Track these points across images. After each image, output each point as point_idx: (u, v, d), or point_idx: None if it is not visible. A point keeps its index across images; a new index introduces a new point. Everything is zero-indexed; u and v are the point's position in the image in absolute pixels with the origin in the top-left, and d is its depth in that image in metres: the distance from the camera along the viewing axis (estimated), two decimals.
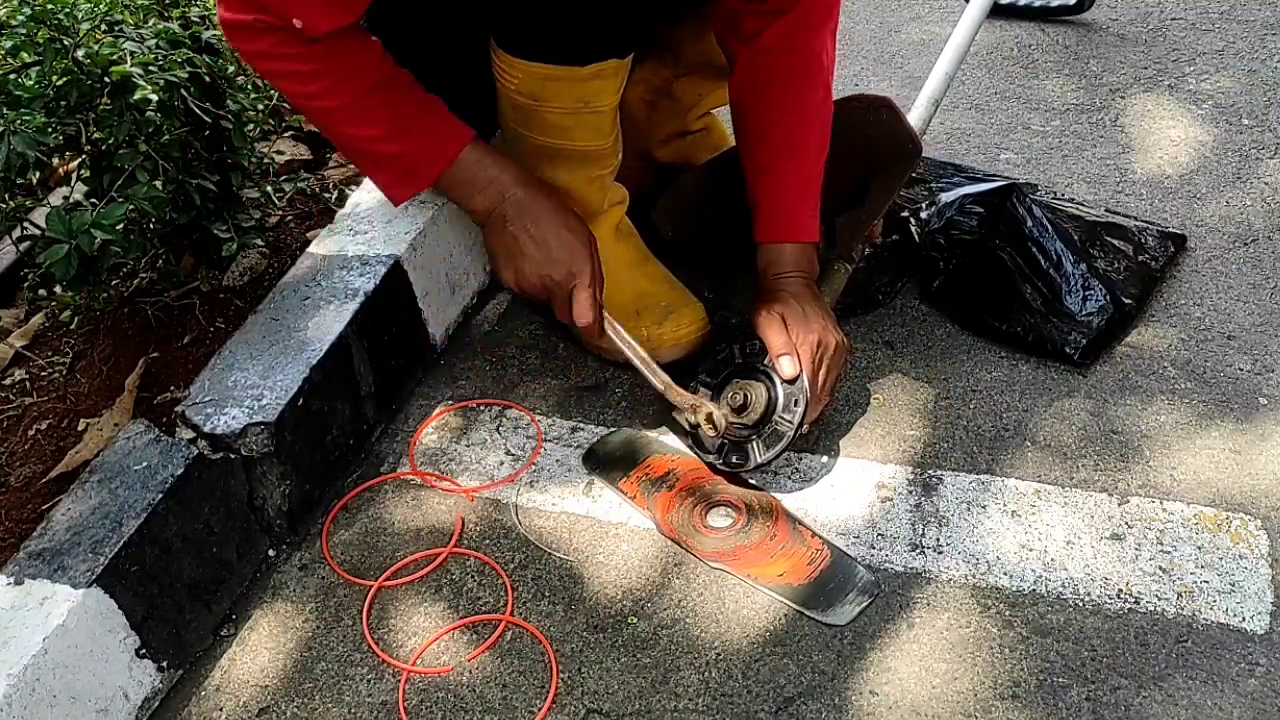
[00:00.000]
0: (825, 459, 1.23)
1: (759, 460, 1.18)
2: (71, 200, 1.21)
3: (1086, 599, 1.06)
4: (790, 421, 1.17)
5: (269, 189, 1.44)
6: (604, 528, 1.18)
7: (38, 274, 1.23)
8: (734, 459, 1.20)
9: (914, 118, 1.45)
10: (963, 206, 1.43)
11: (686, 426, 1.22)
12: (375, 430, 1.31)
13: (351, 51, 1.08)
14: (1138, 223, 1.47)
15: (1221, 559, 1.08)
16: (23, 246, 1.19)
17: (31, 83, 1.15)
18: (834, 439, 1.26)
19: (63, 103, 1.15)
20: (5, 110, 1.09)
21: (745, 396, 1.19)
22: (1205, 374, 1.28)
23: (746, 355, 1.25)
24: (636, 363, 1.22)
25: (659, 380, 1.21)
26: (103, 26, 1.21)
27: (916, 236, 1.42)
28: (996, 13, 2.08)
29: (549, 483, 1.24)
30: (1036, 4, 2.05)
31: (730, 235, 1.34)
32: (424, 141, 1.14)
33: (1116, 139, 1.70)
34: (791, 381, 1.18)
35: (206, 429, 1.11)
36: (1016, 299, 1.35)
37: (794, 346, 1.18)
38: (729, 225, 1.34)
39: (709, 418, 1.18)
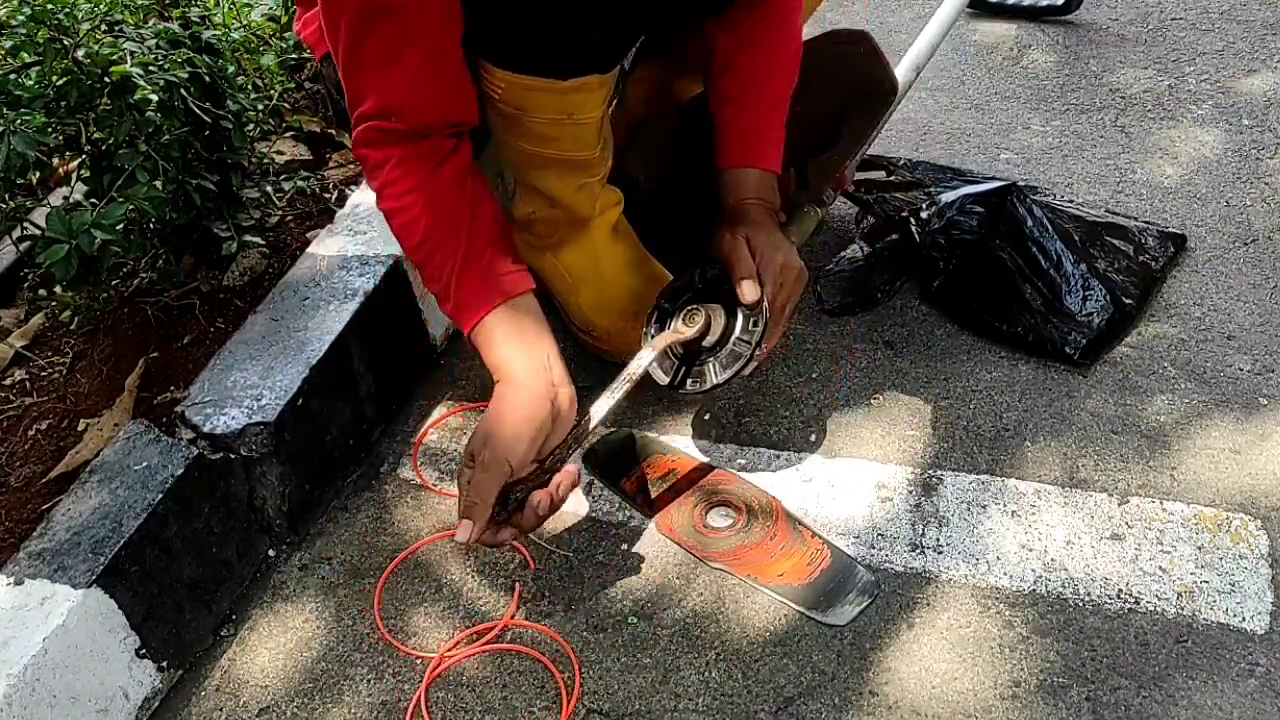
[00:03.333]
0: (825, 459, 1.23)
1: (715, 381, 1.15)
2: (71, 200, 1.21)
3: (1086, 599, 1.06)
4: (748, 342, 1.14)
5: (269, 189, 1.44)
6: (604, 528, 1.18)
7: (38, 274, 1.23)
8: (690, 382, 1.17)
9: (898, 78, 1.44)
10: (963, 206, 1.43)
11: (666, 361, 1.20)
12: (375, 430, 1.31)
13: (415, 203, 1.08)
14: (1138, 223, 1.47)
15: (1221, 559, 1.08)
16: (23, 246, 1.19)
17: (31, 83, 1.15)
18: (834, 439, 1.26)
19: (63, 103, 1.15)
20: (5, 110, 1.09)
21: (706, 318, 1.16)
22: (1205, 374, 1.28)
23: (705, 279, 1.21)
24: (617, 395, 1.14)
25: (635, 376, 1.15)
26: (103, 26, 1.21)
27: (916, 236, 1.42)
28: (985, 12, 2.08)
29: None
30: (1025, 3, 2.05)
31: (697, 186, 1.32)
32: (454, 306, 1.11)
33: (1116, 139, 1.70)
34: (752, 306, 1.15)
35: (206, 429, 1.11)
36: (1016, 299, 1.35)
37: (756, 270, 1.16)
38: (695, 174, 1.33)
39: (675, 333, 1.17)
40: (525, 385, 1.07)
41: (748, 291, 1.15)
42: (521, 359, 1.08)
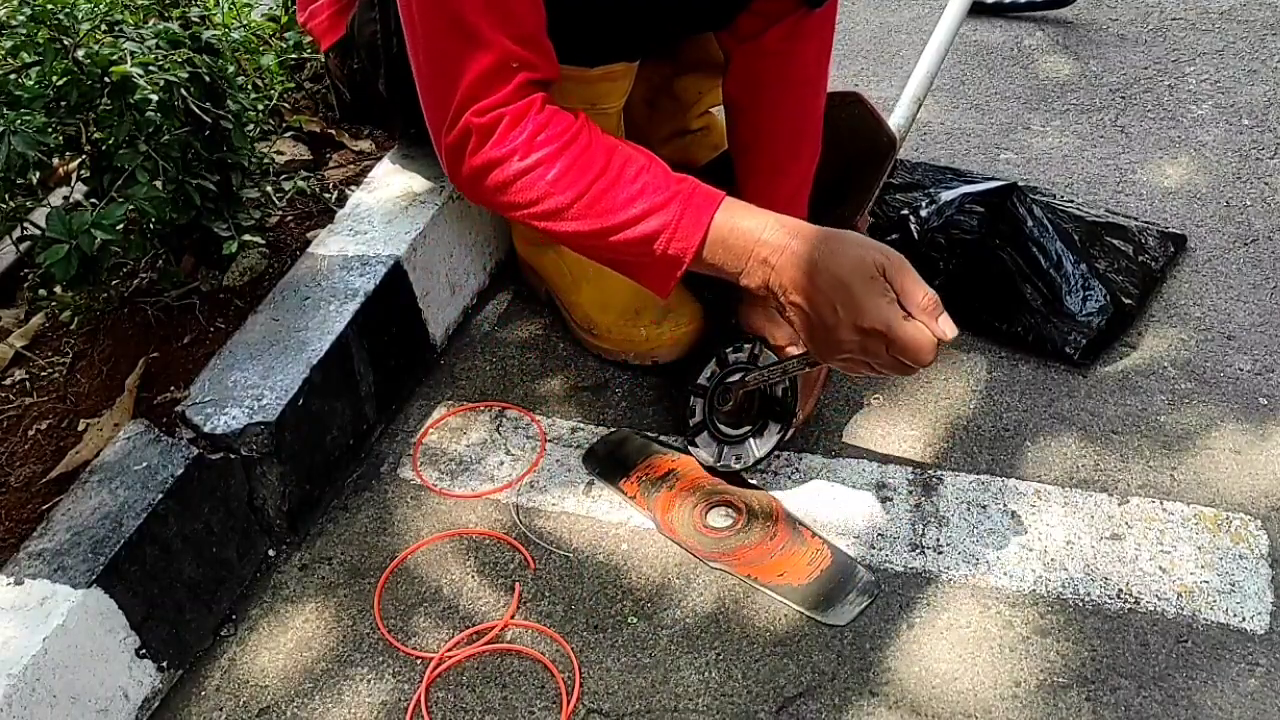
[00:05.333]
0: (825, 459, 1.23)
1: (757, 455, 1.18)
2: (71, 200, 1.21)
3: (1086, 599, 1.06)
4: (782, 413, 1.17)
5: (269, 189, 1.44)
6: (604, 528, 1.18)
7: (38, 274, 1.23)
8: (734, 459, 1.20)
9: (898, 116, 1.46)
10: (963, 206, 1.43)
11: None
12: (375, 430, 1.31)
13: (570, 135, 0.99)
14: (1138, 223, 1.47)
15: (1221, 559, 1.08)
16: (23, 246, 1.19)
17: (31, 83, 1.15)
18: (834, 439, 1.26)
19: (63, 103, 1.15)
20: (5, 110, 1.09)
21: (739, 397, 1.20)
22: (1205, 374, 1.28)
23: (728, 361, 1.25)
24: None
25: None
26: (103, 26, 1.21)
27: (916, 235, 1.42)
28: (981, 11, 2.08)
29: (549, 483, 1.24)
30: (1022, 0, 2.05)
31: None
32: (664, 223, 0.97)
33: (1116, 139, 1.70)
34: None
35: (206, 429, 1.11)
36: (1016, 299, 1.35)
37: (795, 339, 1.19)
38: None
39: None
40: (822, 239, 0.95)
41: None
42: (785, 225, 0.97)
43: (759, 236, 0.95)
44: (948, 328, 0.91)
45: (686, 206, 0.96)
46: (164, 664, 1.05)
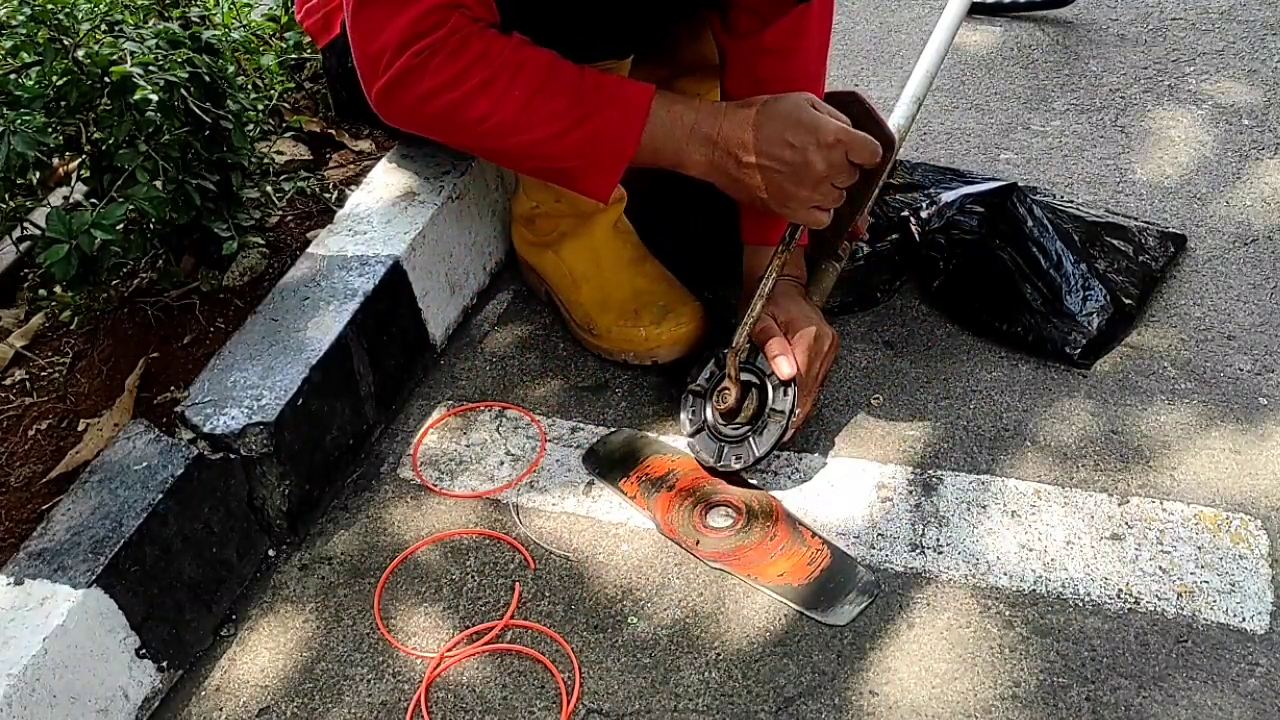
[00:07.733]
0: (825, 459, 1.23)
1: (757, 454, 1.18)
2: (71, 200, 1.21)
3: (1086, 599, 1.06)
4: (782, 411, 1.18)
5: (269, 189, 1.44)
6: (604, 528, 1.18)
7: (38, 274, 1.23)
8: (734, 459, 1.20)
9: (897, 116, 1.46)
10: (963, 206, 1.43)
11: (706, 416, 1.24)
12: (375, 430, 1.31)
13: (509, 49, 1.03)
14: (1138, 223, 1.47)
15: (1221, 559, 1.08)
16: (23, 246, 1.19)
17: (31, 83, 1.15)
18: (834, 439, 1.26)
19: (63, 103, 1.15)
20: (5, 110, 1.09)
21: (737, 395, 1.20)
22: (1205, 374, 1.28)
23: (725, 360, 1.25)
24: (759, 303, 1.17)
25: (747, 328, 1.19)
26: (103, 26, 1.21)
27: (916, 236, 1.42)
28: (981, 11, 2.08)
29: (549, 483, 1.24)
30: (1022, 0, 2.05)
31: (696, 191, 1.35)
32: (608, 116, 1.03)
33: (1116, 139, 1.70)
34: (786, 380, 1.18)
35: (206, 429, 1.11)
36: (1016, 299, 1.35)
37: (789, 345, 1.19)
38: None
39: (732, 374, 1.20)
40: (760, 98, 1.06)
41: (783, 369, 1.18)
42: (717, 104, 1.07)
43: (696, 117, 1.04)
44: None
45: (624, 101, 1.03)
46: (164, 664, 1.05)
